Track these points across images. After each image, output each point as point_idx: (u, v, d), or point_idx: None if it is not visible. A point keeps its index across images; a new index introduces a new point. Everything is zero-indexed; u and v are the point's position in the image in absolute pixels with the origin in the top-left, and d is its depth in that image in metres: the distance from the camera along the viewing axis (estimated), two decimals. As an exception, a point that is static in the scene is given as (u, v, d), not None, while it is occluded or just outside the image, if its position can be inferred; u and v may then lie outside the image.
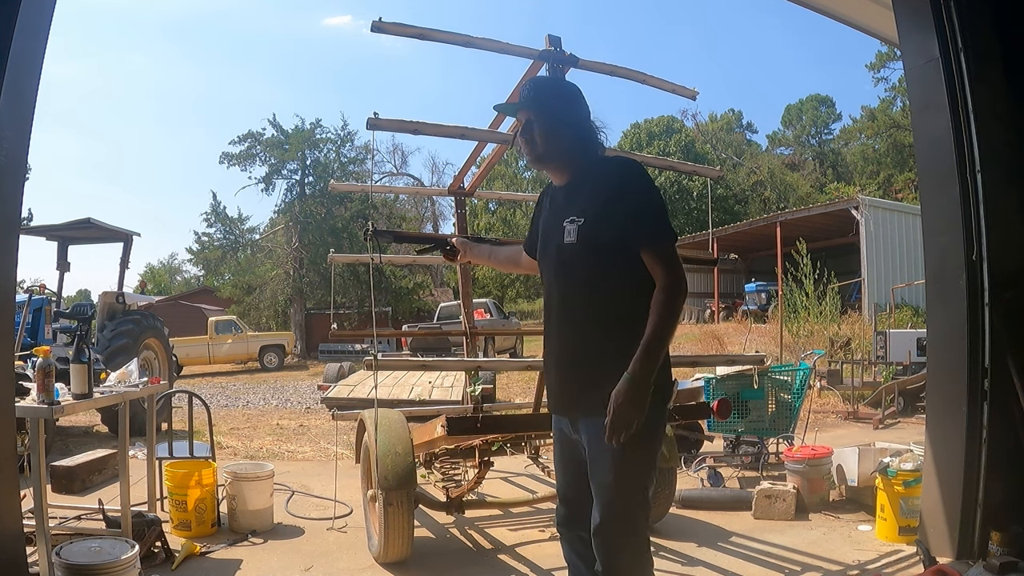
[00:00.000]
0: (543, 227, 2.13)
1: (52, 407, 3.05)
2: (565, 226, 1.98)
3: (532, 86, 2.14)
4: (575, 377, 2.03)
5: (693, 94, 4.01)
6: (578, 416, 2.03)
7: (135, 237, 8.82)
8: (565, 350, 2.04)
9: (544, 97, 2.07)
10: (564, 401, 2.09)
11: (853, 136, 39.80)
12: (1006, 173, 3.18)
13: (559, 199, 2.09)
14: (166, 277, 45.40)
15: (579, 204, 1.98)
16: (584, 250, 1.94)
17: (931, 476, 3.41)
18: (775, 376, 5.27)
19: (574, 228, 1.96)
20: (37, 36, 2.43)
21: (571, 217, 1.97)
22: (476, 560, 3.74)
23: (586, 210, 1.95)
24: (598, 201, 1.94)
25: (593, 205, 1.95)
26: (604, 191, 1.95)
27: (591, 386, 1.94)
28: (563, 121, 2.03)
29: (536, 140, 2.04)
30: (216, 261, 27.13)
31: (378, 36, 3.38)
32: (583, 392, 1.99)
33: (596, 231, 1.93)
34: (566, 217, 1.99)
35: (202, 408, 4.81)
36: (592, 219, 1.94)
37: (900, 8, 3.49)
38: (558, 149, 2.04)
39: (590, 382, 1.96)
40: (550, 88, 2.18)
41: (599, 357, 1.96)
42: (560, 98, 2.08)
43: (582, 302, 1.99)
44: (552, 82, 2.19)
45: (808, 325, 11.93)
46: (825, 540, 3.88)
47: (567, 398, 2.07)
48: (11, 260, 2.42)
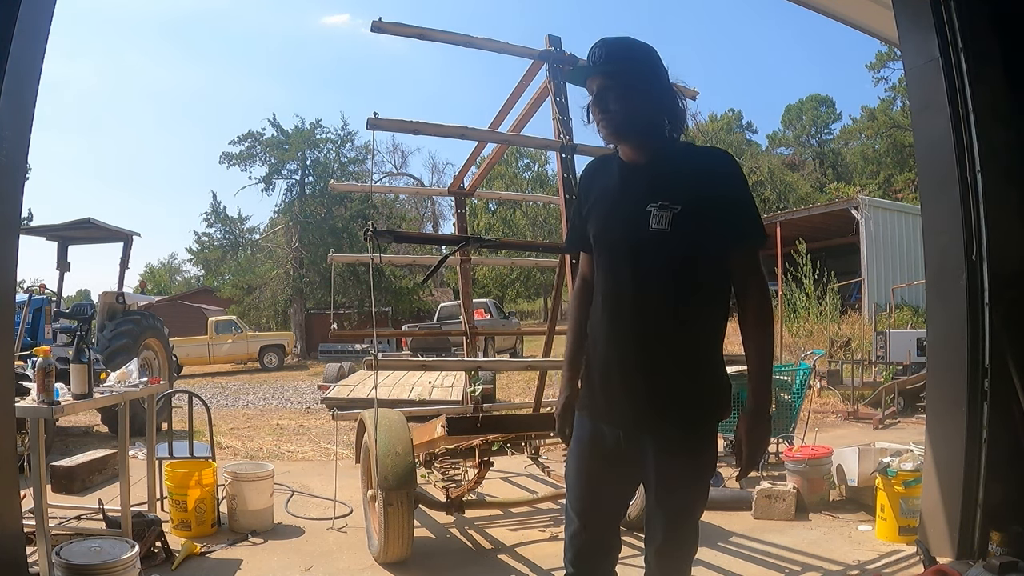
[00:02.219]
0: (607, 209, 1.87)
1: (52, 407, 3.05)
2: (651, 211, 1.75)
3: (606, 47, 1.81)
4: (656, 387, 1.78)
5: (693, 94, 4.00)
6: (647, 431, 1.81)
7: (135, 237, 8.83)
8: (642, 352, 1.78)
9: (621, 59, 1.79)
10: (631, 412, 1.81)
11: (853, 136, 39.78)
12: (1006, 173, 3.18)
13: (635, 179, 1.82)
14: (166, 277, 45.38)
15: (668, 189, 1.76)
16: (677, 239, 1.73)
17: (931, 476, 3.41)
18: (775, 376, 5.26)
19: (666, 215, 1.73)
20: (37, 37, 2.43)
21: (660, 202, 1.74)
22: (476, 560, 3.73)
23: (680, 197, 1.74)
24: (697, 190, 1.75)
25: (690, 193, 1.75)
26: (704, 180, 1.77)
27: (679, 402, 1.78)
28: (645, 89, 1.79)
29: (612, 109, 1.78)
30: (216, 261, 27.14)
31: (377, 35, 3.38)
32: (667, 406, 1.78)
33: (694, 221, 1.73)
34: (651, 201, 1.75)
35: (202, 408, 4.81)
36: (690, 208, 1.74)
37: (900, 8, 3.49)
38: (640, 120, 1.79)
39: (679, 397, 1.78)
40: (627, 49, 1.82)
41: (689, 368, 1.80)
42: (640, 61, 1.81)
43: (667, 298, 1.77)
44: (628, 42, 1.82)
45: (808, 325, 11.94)
46: (825, 540, 3.88)
47: (637, 409, 1.81)
48: (11, 260, 2.42)
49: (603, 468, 1.89)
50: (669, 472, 1.82)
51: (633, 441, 1.83)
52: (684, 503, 1.87)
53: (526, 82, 3.69)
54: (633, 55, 1.82)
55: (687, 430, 1.82)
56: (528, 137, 3.83)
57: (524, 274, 31.18)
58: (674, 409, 1.79)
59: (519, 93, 3.77)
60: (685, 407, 1.80)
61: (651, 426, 1.81)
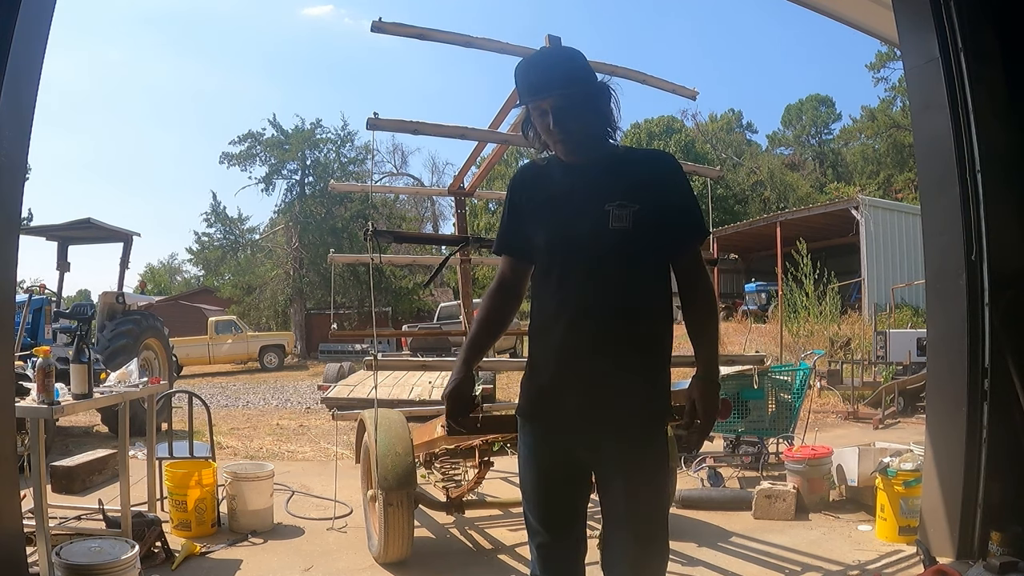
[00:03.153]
0: (558, 213, 1.83)
1: (52, 407, 3.05)
2: (609, 210, 1.74)
3: (553, 67, 1.81)
4: (621, 388, 1.76)
5: (693, 94, 4.01)
6: (611, 432, 1.78)
7: (135, 237, 8.83)
8: (606, 353, 1.75)
9: (573, 79, 1.79)
10: (594, 415, 1.77)
11: (853, 136, 39.76)
12: (1006, 173, 3.18)
13: (586, 181, 1.81)
14: (166, 277, 45.36)
15: (622, 188, 1.77)
16: (638, 237, 1.74)
17: (931, 476, 3.41)
18: (775, 376, 5.26)
19: (626, 213, 1.74)
20: (37, 36, 2.44)
21: (619, 201, 1.75)
22: (476, 560, 3.74)
23: (637, 196, 1.76)
24: (652, 189, 1.78)
25: (646, 192, 1.77)
26: (655, 180, 1.81)
27: (641, 400, 1.78)
28: (594, 104, 1.81)
29: (572, 128, 1.78)
30: (216, 261, 27.11)
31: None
32: (631, 406, 1.77)
33: (653, 219, 1.76)
34: (609, 200, 1.75)
35: (202, 408, 4.81)
36: (649, 207, 1.76)
37: (900, 8, 3.49)
38: (593, 133, 1.83)
39: (641, 395, 1.78)
40: (572, 66, 1.82)
41: (650, 367, 1.82)
42: (584, 75, 1.81)
43: (629, 298, 1.76)
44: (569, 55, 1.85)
45: (808, 325, 11.95)
46: (825, 540, 3.88)
47: (600, 412, 1.77)
48: (11, 260, 2.43)
49: (561, 477, 1.86)
50: (630, 473, 1.79)
51: (594, 444, 1.80)
52: (653, 502, 1.84)
53: (526, 82, 3.68)
54: (577, 72, 1.81)
55: (649, 427, 1.82)
56: (528, 137, 3.82)
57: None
58: (637, 407, 1.78)
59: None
60: (647, 405, 1.80)
61: (615, 427, 1.78)
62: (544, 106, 1.78)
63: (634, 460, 1.80)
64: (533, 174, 1.95)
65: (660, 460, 1.85)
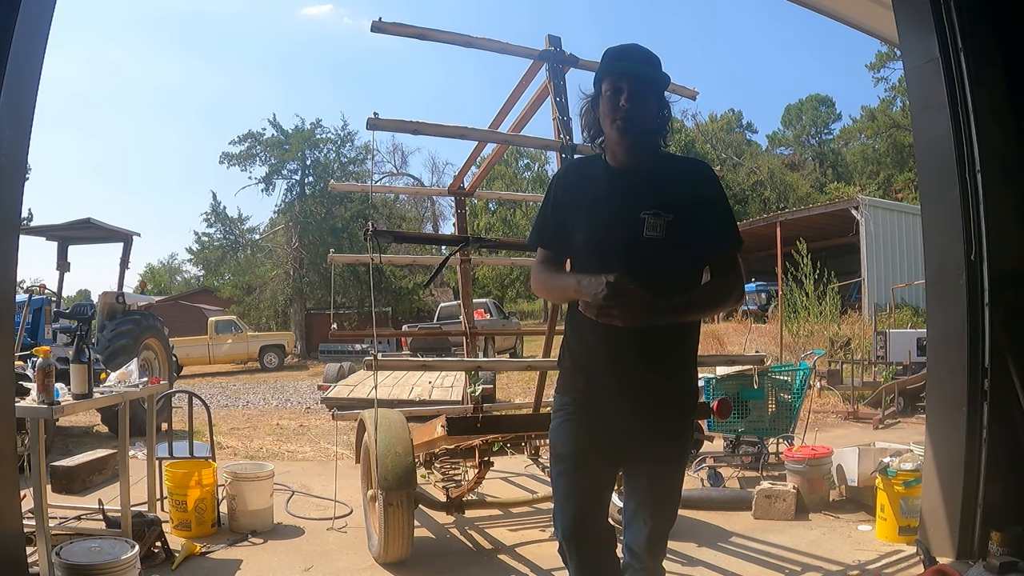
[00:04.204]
0: (597, 214, 1.88)
1: (52, 407, 3.05)
2: (645, 218, 1.80)
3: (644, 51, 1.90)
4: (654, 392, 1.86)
5: (693, 94, 4.01)
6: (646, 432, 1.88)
7: (135, 237, 8.83)
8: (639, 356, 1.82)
9: (657, 66, 1.89)
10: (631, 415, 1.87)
11: (853, 136, 39.76)
12: (1006, 173, 3.18)
13: (625, 185, 1.87)
14: (166, 277, 45.36)
15: (661, 196, 1.82)
16: (669, 247, 1.80)
17: (931, 476, 3.41)
18: (775, 376, 5.27)
19: (660, 223, 1.79)
20: (37, 36, 2.44)
21: (654, 210, 1.80)
22: (476, 560, 3.74)
23: (672, 205, 1.81)
24: (687, 198, 1.83)
25: (681, 201, 1.82)
26: (692, 189, 1.86)
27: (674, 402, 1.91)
28: (664, 101, 1.92)
29: (643, 109, 1.85)
30: (216, 261, 27.10)
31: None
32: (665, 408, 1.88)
33: (685, 229, 1.81)
34: (645, 208, 1.81)
35: (202, 408, 4.81)
36: (681, 216, 1.81)
37: (900, 8, 3.49)
38: (651, 127, 1.90)
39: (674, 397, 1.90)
40: (656, 60, 1.92)
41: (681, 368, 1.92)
42: (663, 73, 1.91)
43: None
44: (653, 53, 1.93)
45: (808, 325, 11.94)
46: (825, 540, 3.88)
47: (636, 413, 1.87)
48: (11, 260, 2.42)
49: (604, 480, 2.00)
50: (661, 472, 1.95)
51: (632, 442, 1.91)
52: (674, 496, 2.02)
53: (526, 82, 3.69)
54: (661, 69, 1.91)
55: (680, 427, 1.97)
56: (528, 137, 3.83)
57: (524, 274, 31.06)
58: (671, 410, 1.91)
59: (519, 93, 3.77)
60: (679, 406, 1.94)
61: (649, 428, 1.88)
62: (622, 84, 1.84)
63: (662, 458, 1.94)
64: (575, 170, 2.06)
65: (684, 451, 2.02)
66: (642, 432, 1.89)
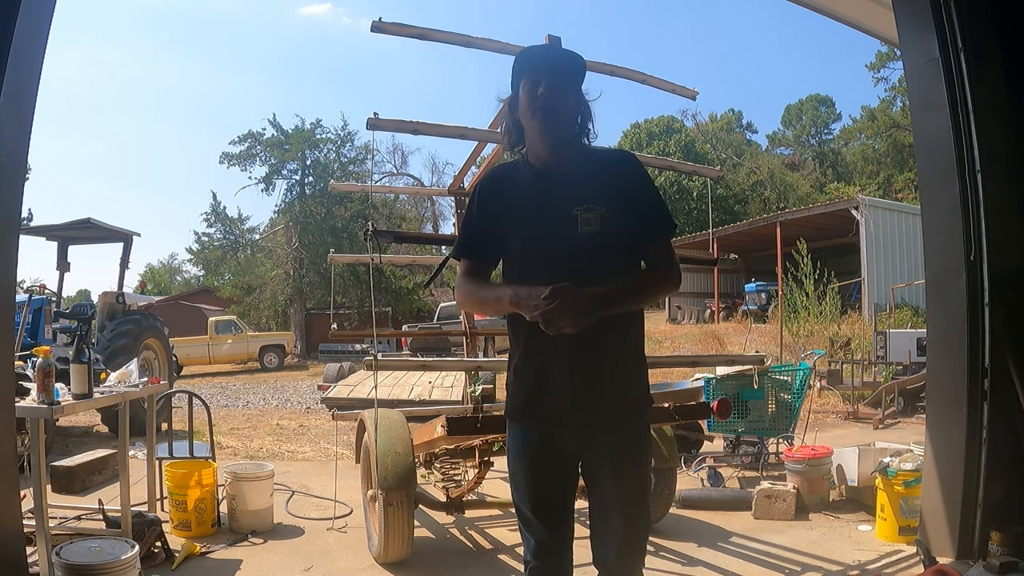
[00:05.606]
0: (529, 217, 1.86)
1: (52, 407, 3.05)
2: (577, 214, 1.81)
3: (562, 50, 1.97)
4: (606, 383, 1.84)
5: (693, 94, 4.01)
6: (597, 429, 1.86)
7: (135, 237, 8.84)
8: (588, 352, 1.81)
9: (579, 64, 1.91)
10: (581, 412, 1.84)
11: (853, 136, 39.76)
12: (1006, 173, 3.18)
13: (554, 185, 1.86)
14: (166, 277, 45.33)
15: (589, 192, 1.83)
16: (610, 240, 1.81)
17: (931, 476, 3.41)
18: (775, 376, 5.26)
19: (593, 216, 1.81)
20: (37, 36, 2.44)
21: (586, 205, 1.81)
22: (476, 560, 3.74)
23: (602, 198, 1.82)
24: (616, 190, 1.84)
25: (610, 194, 1.83)
26: (620, 179, 1.87)
27: (624, 392, 1.88)
28: (584, 98, 1.92)
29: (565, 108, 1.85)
30: (216, 261, 27.12)
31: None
32: (615, 402, 1.86)
33: (619, 220, 1.82)
34: (575, 204, 1.81)
35: (202, 408, 4.81)
36: (614, 209, 1.82)
37: (900, 8, 3.49)
38: (571, 113, 1.89)
39: (624, 387, 1.89)
40: (577, 56, 1.94)
41: (630, 358, 1.91)
42: (582, 64, 1.93)
43: None
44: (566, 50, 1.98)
45: (808, 325, 11.94)
46: (825, 540, 3.88)
47: (585, 409, 1.84)
48: (11, 260, 2.42)
49: (551, 467, 1.94)
50: (616, 460, 1.90)
51: (583, 441, 1.89)
52: (640, 487, 1.96)
53: (526, 82, 3.68)
54: (578, 63, 1.91)
55: (633, 422, 1.93)
56: (528, 137, 3.82)
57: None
58: (618, 399, 1.87)
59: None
60: (626, 395, 1.89)
61: (599, 420, 1.86)
62: (540, 78, 1.84)
63: (618, 447, 1.89)
64: (502, 178, 1.99)
65: (643, 444, 1.98)
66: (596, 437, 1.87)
